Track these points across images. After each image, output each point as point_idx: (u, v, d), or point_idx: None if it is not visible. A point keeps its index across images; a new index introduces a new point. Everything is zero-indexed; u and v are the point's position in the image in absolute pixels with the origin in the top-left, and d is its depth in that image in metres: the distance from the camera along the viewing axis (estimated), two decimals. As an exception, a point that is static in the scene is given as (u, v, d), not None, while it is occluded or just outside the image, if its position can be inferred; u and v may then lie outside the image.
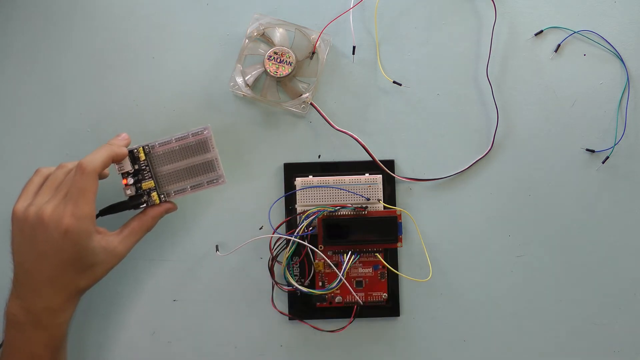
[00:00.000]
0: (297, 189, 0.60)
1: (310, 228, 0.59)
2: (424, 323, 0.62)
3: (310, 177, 0.60)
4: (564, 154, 0.62)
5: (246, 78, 0.61)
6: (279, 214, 0.61)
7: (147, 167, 0.56)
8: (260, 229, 0.61)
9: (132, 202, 0.57)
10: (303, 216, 0.58)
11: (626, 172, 0.62)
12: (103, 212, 0.57)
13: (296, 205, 0.60)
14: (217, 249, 0.61)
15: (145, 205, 0.57)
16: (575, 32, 0.62)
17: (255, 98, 0.61)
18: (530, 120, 0.62)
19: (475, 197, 0.62)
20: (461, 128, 0.62)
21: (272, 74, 0.60)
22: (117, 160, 0.55)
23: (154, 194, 0.57)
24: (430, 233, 0.61)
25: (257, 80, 0.61)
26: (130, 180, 0.56)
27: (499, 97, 0.62)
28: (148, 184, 0.56)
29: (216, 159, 0.57)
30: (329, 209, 0.58)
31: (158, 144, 0.56)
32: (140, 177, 0.56)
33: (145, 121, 0.62)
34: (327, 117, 0.60)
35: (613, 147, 0.61)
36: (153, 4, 0.63)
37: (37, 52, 0.62)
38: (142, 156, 0.56)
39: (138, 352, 0.61)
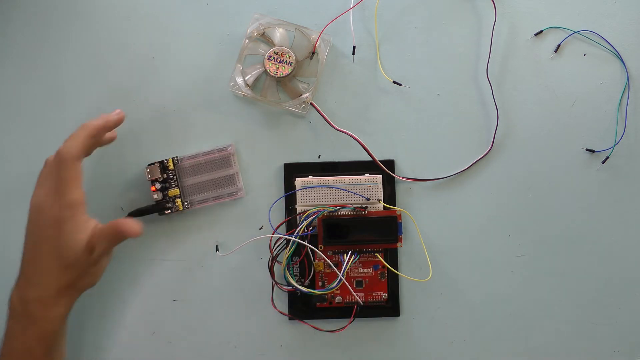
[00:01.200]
0: (297, 189, 0.60)
1: (310, 228, 0.59)
2: (424, 323, 0.62)
3: (310, 177, 0.60)
4: (564, 154, 0.62)
5: (246, 78, 0.61)
6: (279, 214, 0.61)
7: (175, 177, 0.60)
8: (260, 229, 0.61)
9: (158, 207, 0.60)
10: (303, 216, 0.58)
11: (626, 172, 0.62)
12: (132, 214, 0.60)
13: (296, 205, 0.60)
14: (217, 249, 0.61)
15: (170, 211, 0.60)
16: (575, 32, 0.62)
17: (255, 98, 0.61)
18: (530, 120, 0.62)
19: (475, 197, 0.62)
20: (461, 128, 0.62)
21: (272, 74, 0.60)
22: (99, 133, 0.54)
23: (178, 201, 0.60)
24: (430, 233, 0.61)
25: (257, 80, 0.61)
26: (158, 186, 0.60)
27: (499, 97, 0.62)
28: (174, 191, 0.60)
29: (237, 173, 0.61)
30: (329, 209, 0.58)
31: (187, 157, 0.61)
32: (167, 185, 0.60)
33: (145, 121, 0.62)
34: (327, 117, 0.60)
35: (613, 147, 0.61)
36: (153, 4, 0.63)
37: (37, 52, 0.62)
38: (170, 166, 0.60)
39: (138, 352, 0.61)
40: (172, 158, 0.60)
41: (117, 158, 0.62)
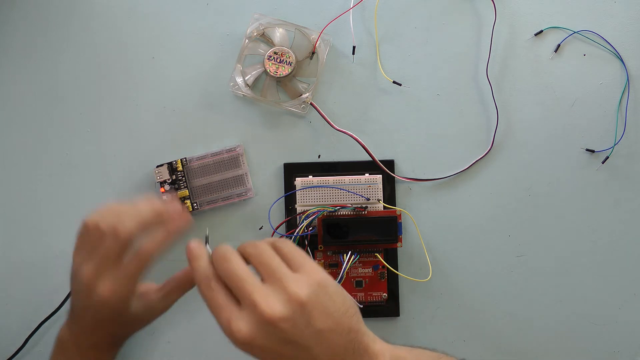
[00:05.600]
0: (297, 189, 0.60)
1: (310, 228, 0.59)
2: (424, 323, 0.62)
3: (310, 177, 0.60)
4: (564, 154, 0.62)
5: (246, 78, 0.61)
6: (279, 214, 0.61)
7: (184, 178, 0.60)
8: (260, 229, 0.61)
9: None
10: (303, 216, 0.58)
11: (626, 172, 0.62)
12: None
13: (296, 205, 0.60)
14: (206, 241, 0.61)
15: None
16: (575, 32, 0.62)
17: (255, 98, 0.61)
18: (530, 120, 0.62)
19: (475, 197, 0.62)
20: (461, 128, 0.62)
21: (272, 74, 0.60)
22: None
23: (187, 202, 0.60)
24: (430, 233, 0.61)
25: (257, 80, 0.61)
26: (167, 188, 0.60)
27: (499, 97, 0.62)
28: (183, 192, 0.60)
29: (246, 173, 0.61)
30: (328, 209, 0.58)
31: (195, 157, 0.60)
32: (176, 186, 0.60)
33: (145, 121, 0.62)
34: (327, 117, 0.60)
35: (613, 147, 0.61)
36: (153, 4, 0.63)
37: (37, 52, 0.62)
38: (179, 167, 0.60)
39: (138, 352, 0.61)
40: (181, 159, 0.60)
41: (117, 158, 0.62)
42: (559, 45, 0.62)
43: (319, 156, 0.62)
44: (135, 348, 0.61)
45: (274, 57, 0.60)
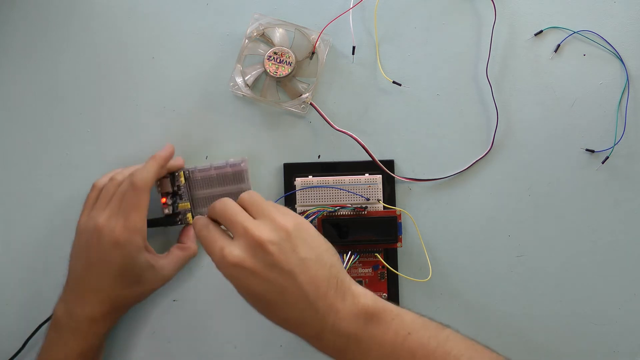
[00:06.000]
0: (297, 189, 0.60)
1: (310, 228, 0.59)
2: (424, 323, 0.61)
3: (310, 177, 0.60)
4: (564, 154, 0.62)
5: (246, 78, 0.61)
6: (278, 214, 0.61)
7: (186, 190, 0.60)
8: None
9: (168, 221, 0.60)
10: (303, 216, 0.58)
11: (626, 172, 0.62)
12: None
13: (296, 205, 0.60)
14: None
15: (180, 223, 0.60)
16: (575, 32, 0.62)
17: (255, 98, 0.61)
18: (530, 120, 0.62)
19: (475, 197, 0.62)
20: (461, 128, 0.62)
21: (271, 74, 0.60)
22: (166, 163, 0.58)
23: (189, 215, 0.60)
24: (430, 233, 0.61)
25: (257, 80, 0.61)
26: (169, 200, 0.60)
27: (499, 97, 0.62)
28: (184, 205, 0.60)
29: (250, 190, 0.58)
30: (328, 209, 0.58)
31: (198, 170, 0.60)
32: (177, 198, 0.60)
33: (145, 121, 0.62)
34: (326, 117, 0.60)
35: (613, 147, 0.61)
36: (153, 4, 0.63)
37: (37, 52, 0.62)
38: (182, 180, 0.59)
39: (138, 352, 0.61)
40: (184, 171, 0.60)
41: (117, 158, 0.62)
42: (558, 45, 0.62)
43: (319, 156, 0.62)
44: (136, 348, 0.61)
45: (273, 57, 0.60)
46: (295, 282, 0.45)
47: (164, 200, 0.59)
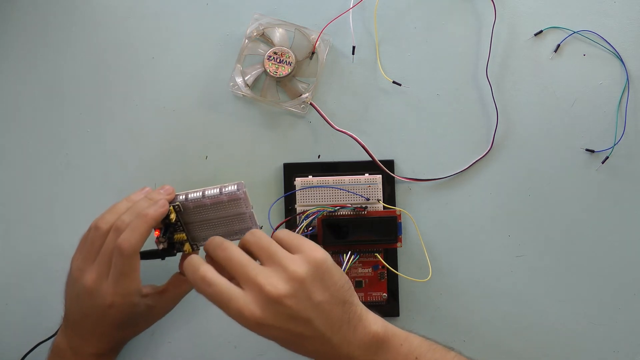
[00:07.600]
0: (296, 189, 0.60)
1: (310, 228, 0.59)
2: (424, 323, 0.61)
3: (310, 177, 0.60)
4: (564, 154, 0.62)
5: (246, 78, 0.61)
6: (278, 214, 0.61)
7: (179, 223, 0.54)
8: (260, 228, 0.61)
9: (165, 253, 0.55)
10: (303, 216, 0.58)
11: (626, 172, 0.62)
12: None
13: (296, 205, 0.60)
14: None
15: (178, 251, 0.55)
16: (575, 32, 0.62)
17: (255, 98, 0.61)
18: (530, 120, 0.62)
19: (475, 197, 0.62)
20: (461, 128, 0.62)
21: (271, 74, 0.60)
22: (157, 223, 0.52)
23: (187, 245, 0.55)
24: (430, 233, 0.61)
25: (257, 80, 0.61)
26: (163, 238, 0.54)
27: (499, 97, 0.62)
28: (180, 236, 0.54)
29: (251, 216, 0.54)
30: (328, 209, 0.58)
31: (190, 200, 0.53)
32: (171, 229, 0.54)
33: (145, 121, 0.62)
34: (326, 117, 0.60)
35: (613, 147, 0.61)
36: (153, 4, 0.63)
37: (37, 52, 0.62)
38: (172, 217, 0.53)
39: (138, 352, 0.61)
40: (174, 206, 0.53)
41: (117, 158, 0.62)
42: (558, 45, 0.62)
43: (319, 156, 0.62)
44: (136, 348, 0.61)
45: (273, 57, 0.60)
46: (312, 327, 0.45)
47: (157, 233, 0.53)
